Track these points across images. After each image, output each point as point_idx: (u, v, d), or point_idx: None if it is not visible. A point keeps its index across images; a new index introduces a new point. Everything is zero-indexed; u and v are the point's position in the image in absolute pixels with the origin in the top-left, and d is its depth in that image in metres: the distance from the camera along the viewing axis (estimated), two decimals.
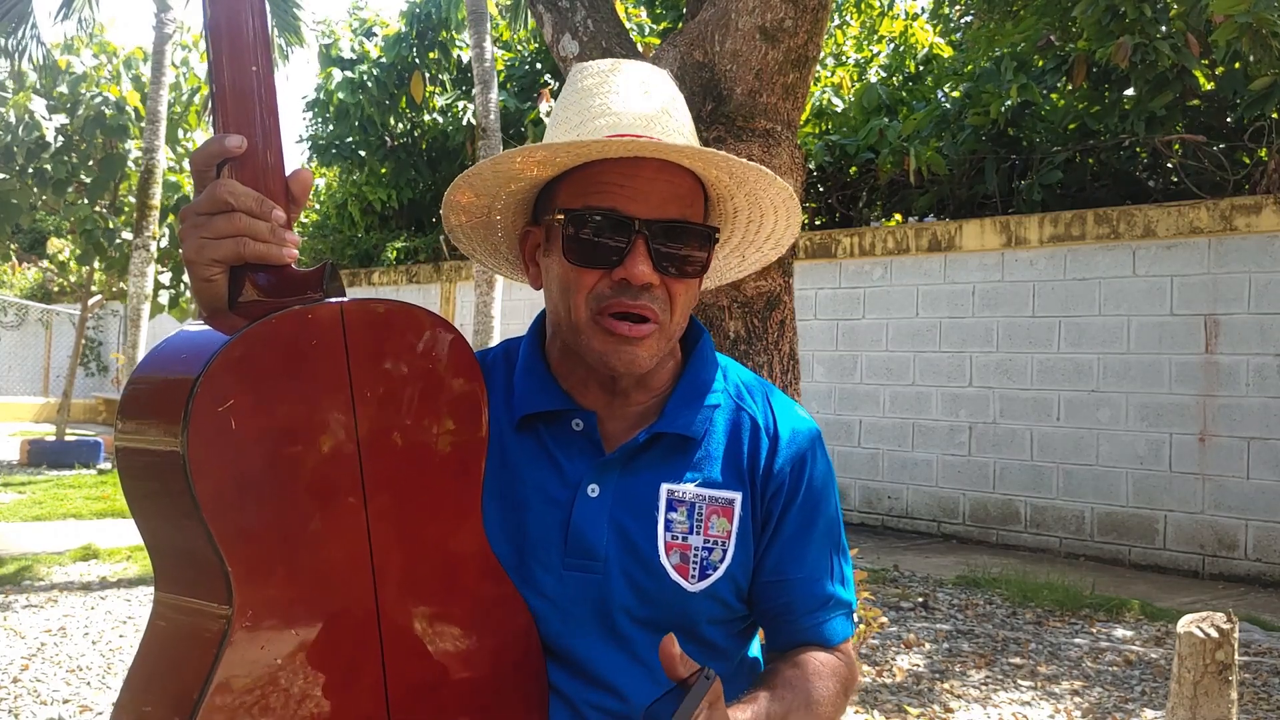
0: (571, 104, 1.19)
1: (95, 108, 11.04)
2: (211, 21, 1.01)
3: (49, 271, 14.91)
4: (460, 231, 1.26)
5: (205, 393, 0.90)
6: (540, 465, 1.19)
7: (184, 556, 0.97)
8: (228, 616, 0.91)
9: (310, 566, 0.97)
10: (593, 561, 1.16)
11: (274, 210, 1.00)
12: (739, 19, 2.36)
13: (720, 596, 1.18)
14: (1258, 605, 5.84)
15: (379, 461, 1.01)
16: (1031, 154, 8.46)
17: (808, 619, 1.22)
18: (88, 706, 3.94)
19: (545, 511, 1.17)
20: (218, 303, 1.01)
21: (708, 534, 1.18)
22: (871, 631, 3.56)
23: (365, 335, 1.00)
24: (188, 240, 1.00)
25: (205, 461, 0.90)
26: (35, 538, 7.09)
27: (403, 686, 1.03)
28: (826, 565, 1.23)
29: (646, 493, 1.18)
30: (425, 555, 1.05)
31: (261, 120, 1.02)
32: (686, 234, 1.14)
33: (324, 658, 0.98)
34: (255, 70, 1.01)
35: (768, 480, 1.21)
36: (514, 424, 1.21)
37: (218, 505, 0.91)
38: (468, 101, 12.12)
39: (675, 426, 1.19)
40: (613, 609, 1.16)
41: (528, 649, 1.14)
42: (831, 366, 8.62)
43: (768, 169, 1.17)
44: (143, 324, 10.10)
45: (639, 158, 1.12)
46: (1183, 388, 6.83)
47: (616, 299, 1.12)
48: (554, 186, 1.17)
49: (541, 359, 1.24)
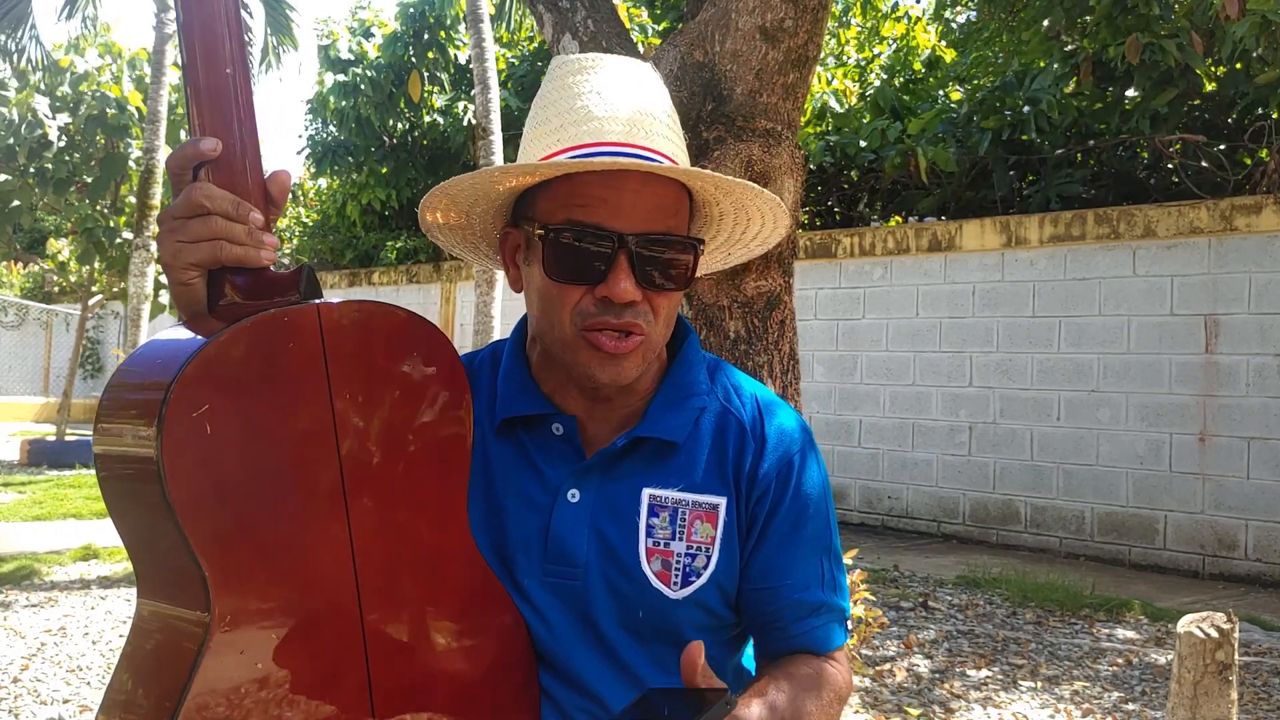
0: (552, 103, 1.15)
1: (97, 107, 11.05)
2: (185, 24, 1.00)
3: (49, 271, 14.89)
4: (438, 230, 1.24)
5: (179, 398, 0.89)
6: (520, 470, 1.18)
7: (162, 563, 0.96)
8: (205, 624, 0.90)
9: (290, 570, 0.96)
10: (573, 568, 1.14)
11: (251, 213, 0.99)
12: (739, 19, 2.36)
13: (705, 604, 1.16)
14: (1258, 605, 5.84)
15: (360, 463, 1.00)
16: (1037, 156, 8.45)
17: (797, 626, 1.18)
18: (88, 706, 3.94)
19: (525, 517, 1.16)
20: (196, 306, 1.01)
21: (690, 540, 1.15)
22: (871, 631, 3.56)
23: (343, 336, 0.99)
24: (164, 244, 0.99)
25: (180, 467, 0.89)
26: (35, 538, 7.10)
27: (388, 689, 1.02)
28: (816, 571, 1.19)
29: (627, 498, 1.15)
30: (409, 557, 1.04)
31: (238, 123, 1.01)
32: (671, 246, 1.11)
33: (306, 661, 0.97)
34: (230, 73, 1.00)
35: (753, 484, 1.17)
36: (495, 428, 1.19)
37: (193, 511, 0.90)
38: (468, 101, 12.12)
39: (656, 431, 1.16)
40: (594, 615, 1.14)
41: (517, 651, 1.13)
42: (831, 366, 8.62)
43: (763, 176, 1.15)
44: (143, 324, 10.11)
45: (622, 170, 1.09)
46: (1183, 388, 6.83)
47: (601, 317, 1.09)
48: (533, 191, 1.14)
49: (523, 362, 1.22)
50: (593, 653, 1.14)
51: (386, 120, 12.95)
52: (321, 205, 15.51)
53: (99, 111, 11.05)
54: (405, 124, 13.28)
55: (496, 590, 1.13)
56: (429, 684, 1.05)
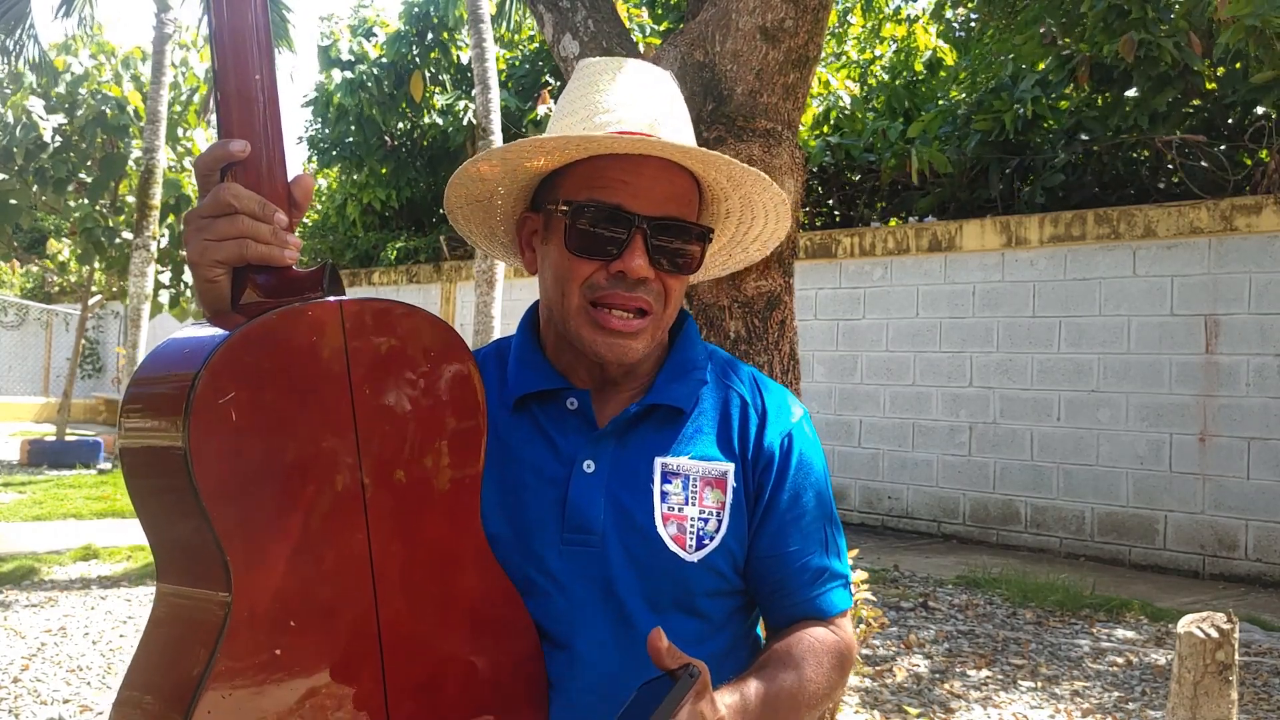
0: (577, 99, 1.22)
1: (95, 107, 11.05)
2: (216, 30, 1.03)
3: (49, 271, 14.90)
4: (460, 213, 1.30)
5: (206, 385, 0.92)
6: (536, 445, 1.22)
7: (186, 550, 0.98)
8: (228, 603, 0.92)
9: (308, 561, 0.98)
10: (590, 535, 1.17)
11: (276, 213, 1.03)
12: (739, 19, 2.36)
13: (717, 568, 1.20)
14: (1258, 605, 5.84)
15: (379, 458, 1.02)
16: (1034, 157, 8.45)
17: (803, 593, 1.23)
18: (88, 706, 3.94)
19: (542, 490, 1.19)
20: (221, 304, 1.04)
21: (702, 505, 1.20)
22: (872, 631, 3.56)
23: (364, 332, 1.02)
24: (192, 243, 1.02)
25: (206, 452, 0.91)
26: (35, 538, 7.09)
27: (401, 684, 1.03)
28: (820, 538, 1.25)
29: (641, 466, 1.20)
30: (424, 553, 1.06)
31: (264, 126, 1.04)
32: (683, 232, 1.18)
33: (322, 651, 0.99)
34: (259, 78, 1.04)
35: (758, 454, 1.23)
36: (509, 408, 1.23)
37: (218, 495, 0.92)
38: (468, 101, 12.11)
39: (666, 398, 1.22)
40: (614, 583, 1.17)
41: (528, 649, 1.15)
42: (832, 366, 8.62)
43: (766, 174, 1.20)
44: (143, 324, 10.10)
45: (643, 156, 1.16)
46: (1183, 388, 6.83)
47: (612, 290, 1.16)
48: (556, 177, 1.21)
49: (536, 343, 1.28)
50: (610, 623, 1.17)
51: (388, 120, 12.95)
52: (321, 205, 15.50)
53: (98, 112, 11.04)
54: (406, 124, 13.28)
55: (508, 592, 1.14)
56: (441, 680, 1.07)
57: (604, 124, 1.18)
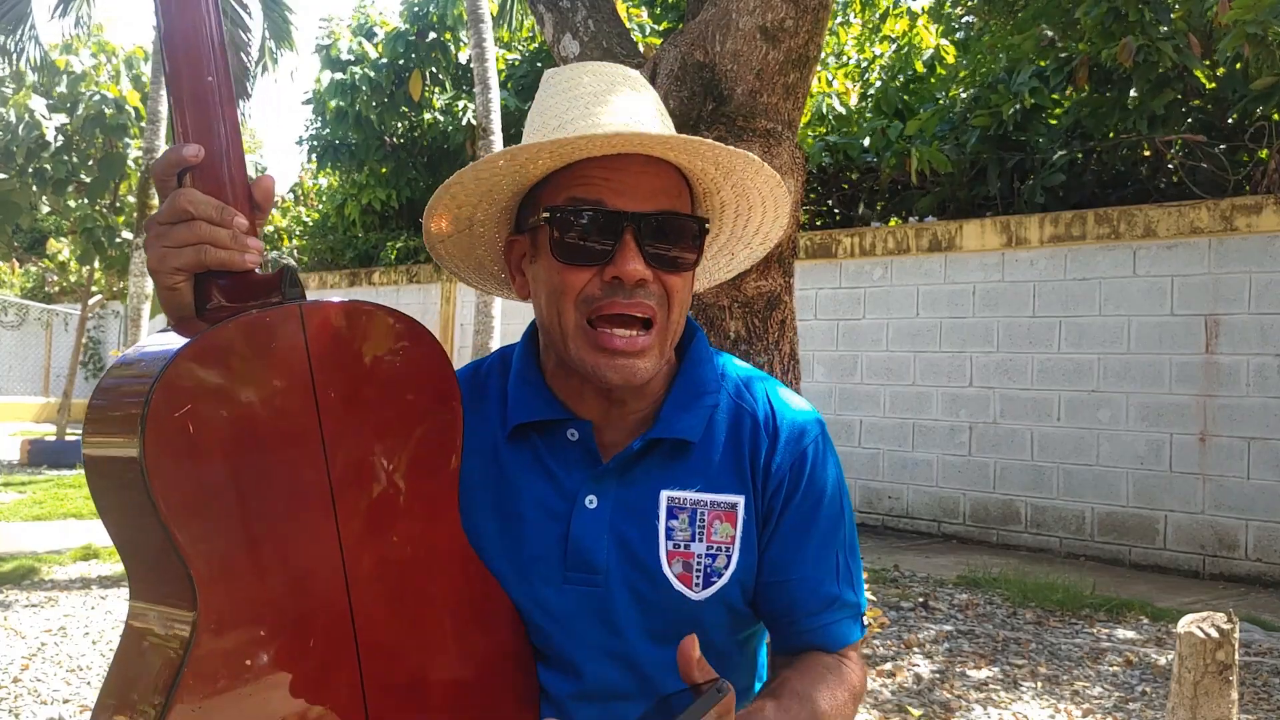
0: (549, 108, 1.16)
1: (95, 107, 11.05)
2: (166, 33, 1.01)
3: (49, 271, 14.89)
4: (442, 248, 1.23)
5: (161, 398, 0.90)
6: (536, 477, 1.17)
7: (150, 563, 0.96)
8: (192, 622, 0.91)
9: (277, 568, 0.96)
10: (593, 574, 1.13)
11: (235, 217, 1.00)
12: (740, 19, 2.36)
13: (727, 602, 1.15)
14: (1258, 605, 5.84)
15: (346, 461, 1.00)
16: (1034, 156, 8.45)
17: (810, 621, 1.17)
18: (88, 706, 3.94)
19: (543, 524, 1.15)
20: (184, 310, 1.01)
21: (710, 540, 1.14)
22: (872, 632, 3.56)
23: (326, 335, 1.00)
24: (150, 250, 1.00)
25: (163, 466, 0.90)
26: (35, 538, 7.10)
27: (380, 686, 1.02)
28: (831, 564, 1.18)
29: (646, 501, 1.14)
30: (399, 555, 1.04)
31: (221, 128, 1.02)
32: (676, 225, 1.12)
33: (295, 659, 0.97)
34: (212, 80, 1.02)
35: (768, 478, 1.17)
36: (507, 434, 1.18)
37: (178, 510, 0.90)
38: (468, 101, 12.11)
39: (672, 431, 1.15)
40: (617, 621, 1.13)
41: (514, 647, 1.13)
42: (832, 366, 8.62)
43: (753, 156, 1.13)
44: (143, 324, 10.11)
45: (622, 154, 1.09)
46: (1183, 388, 6.83)
47: (610, 299, 1.09)
48: (536, 193, 1.15)
49: (536, 367, 1.22)
50: (613, 659, 1.13)
51: (387, 119, 12.95)
52: (321, 205, 15.49)
53: (97, 111, 11.04)
54: (406, 123, 13.28)
55: (491, 588, 1.12)
56: (423, 682, 1.05)
57: (579, 130, 1.11)
